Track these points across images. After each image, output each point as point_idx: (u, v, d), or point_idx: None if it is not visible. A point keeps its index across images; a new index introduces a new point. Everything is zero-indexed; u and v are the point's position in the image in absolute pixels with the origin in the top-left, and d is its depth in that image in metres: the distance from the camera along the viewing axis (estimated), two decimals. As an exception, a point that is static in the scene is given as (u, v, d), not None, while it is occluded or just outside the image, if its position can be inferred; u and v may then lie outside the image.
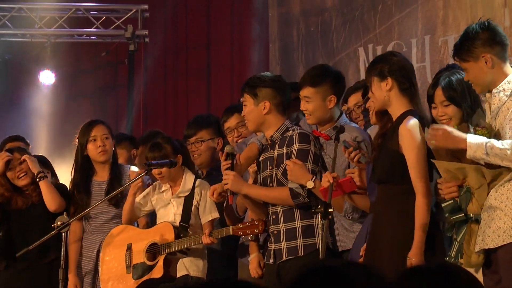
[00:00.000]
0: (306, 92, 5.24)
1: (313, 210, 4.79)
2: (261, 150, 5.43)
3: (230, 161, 5.29)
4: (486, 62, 4.39)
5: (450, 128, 4.35)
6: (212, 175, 6.16)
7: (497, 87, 4.40)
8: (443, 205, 4.43)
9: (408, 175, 4.55)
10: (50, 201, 6.23)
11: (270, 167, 5.30)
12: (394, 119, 4.69)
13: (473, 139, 4.26)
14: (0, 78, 10.67)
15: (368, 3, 9.15)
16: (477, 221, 4.35)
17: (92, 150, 6.28)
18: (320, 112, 5.24)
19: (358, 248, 4.85)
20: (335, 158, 4.89)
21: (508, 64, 4.46)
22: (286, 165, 5.15)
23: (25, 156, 6.40)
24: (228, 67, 10.72)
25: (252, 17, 10.45)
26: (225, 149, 5.42)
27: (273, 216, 5.27)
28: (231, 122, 6.16)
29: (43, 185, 6.26)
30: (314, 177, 5.06)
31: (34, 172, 6.33)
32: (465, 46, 4.45)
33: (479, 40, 4.41)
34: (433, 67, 8.28)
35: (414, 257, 4.41)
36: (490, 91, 4.43)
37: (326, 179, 4.73)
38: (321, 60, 9.26)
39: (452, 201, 4.39)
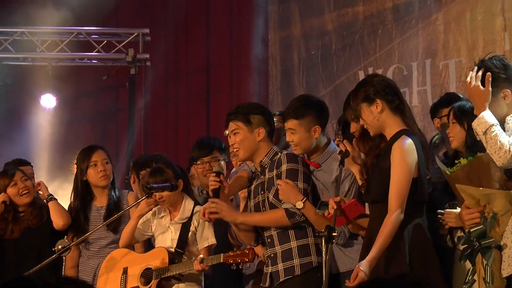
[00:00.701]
0: (290, 124, 5.25)
1: (317, 234, 4.76)
2: (251, 178, 5.44)
3: (218, 179, 5.29)
4: (504, 98, 4.43)
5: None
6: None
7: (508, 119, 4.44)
8: (471, 230, 4.40)
9: None
10: (59, 217, 6.24)
11: (262, 192, 5.29)
12: (388, 139, 4.66)
13: (487, 114, 4.30)
14: (2, 101, 10.69)
15: (368, 26, 9.18)
16: (499, 247, 4.34)
17: (93, 175, 6.29)
18: (306, 143, 5.25)
19: None
20: (339, 183, 4.89)
21: None
22: (278, 185, 5.15)
23: (41, 181, 6.46)
24: (228, 91, 10.75)
25: (252, 41, 10.48)
26: (214, 168, 5.44)
27: (269, 240, 5.27)
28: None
29: (53, 204, 6.28)
30: (305, 198, 5.07)
31: (45, 196, 6.36)
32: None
33: (501, 75, 4.46)
34: (434, 91, 8.30)
35: (362, 267, 4.37)
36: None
37: (331, 206, 4.69)
38: (321, 84, 9.30)
39: (481, 226, 4.38)
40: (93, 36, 10.71)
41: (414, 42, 8.65)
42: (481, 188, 4.33)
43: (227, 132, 5.44)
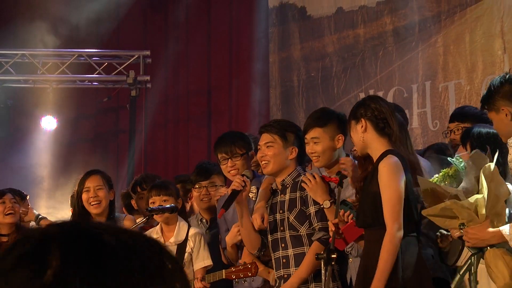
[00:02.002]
0: (314, 133, 5.20)
1: (316, 256, 4.74)
2: (271, 192, 5.41)
3: (243, 183, 5.21)
4: (506, 115, 4.48)
5: (474, 228, 4.35)
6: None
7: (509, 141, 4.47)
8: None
9: None
10: None
11: (281, 211, 5.25)
12: (374, 160, 4.66)
13: (507, 229, 4.31)
14: (3, 123, 10.71)
15: (368, 49, 9.22)
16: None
17: (85, 201, 6.23)
18: (329, 153, 5.19)
19: None
20: (338, 204, 4.87)
21: None
22: (303, 181, 5.12)
23: (30, 208, 6.47)
24: (228, 113, 10.77)
25: (252, 62, 10.51)
26: (244, 172, 5.39)
27: (284, 260, 5.23)
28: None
29: (46, 222, 6.27)
30: (333, 200, 5.04)
31: (32, 217, 6.36)
32: (488, 97, 4.55)
33: (499, 93, 4.51)
34: (434, 113, 8.32)
35: None
36: None
37: (330, 229, 4.68)
38: (321, 105, 9.32)
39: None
40: (94, 58, 10.74)
41: (414, 64, 8.68)
42: (434, 207, 4.36)
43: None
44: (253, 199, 5.54)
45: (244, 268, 5.26)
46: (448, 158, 4.49)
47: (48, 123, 10.70)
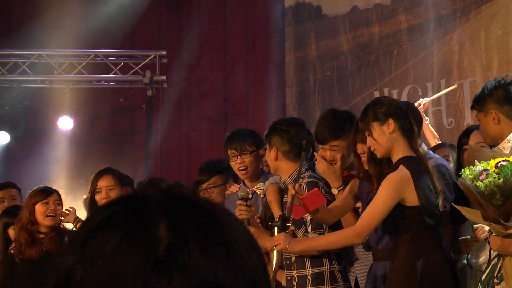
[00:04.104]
0: (333, 143, 5.13)
1: (270, 224, 4.71)
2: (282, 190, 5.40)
3: (245, 208, 5.21)
4: (493, 119, 4.49)
5: (505, 241, 4.28)
6: None
7: (498, 146, 4.46)
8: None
9: (411, 223, 4.49)
10: None
11: (284, 212, 5.26)
12: (394, 163, 4.59)
13: None
14: (19, 124, 10.75)
15: (383, 47, 9.19)
16: None
17: (98, 202, 6.22)
18: (348, 160, 5.14)
19: None
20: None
21: None
22: (317, 160, 5.08)
23: (73, 211, 6.46)
24: (244, 112, 10.76)
25: (268, 62, 10.50)
26: (239, 194, 5.37)
27: (287, 262, 5.22)
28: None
29: None
30: (342, 187, 5.02)
31: (71, 219, 6.36)
32: (479, 99, 4.56)
33: (491, 96, 4.52)
34: (449, 111, 8.28)
35: (282, 239, 4.41)
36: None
37: (289, 193, 4.59)
38: (337, 105, 9.29)
39: None
40: (110, 58, 10.76)
41: (429, 62, 8.63)
42: (472, 215, 4.27)
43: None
44: (261, 196, 5.53)
45: None
46: (501, 162, 4.34)
47: (65, 123, 10.73)
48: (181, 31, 11.13)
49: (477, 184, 4.13)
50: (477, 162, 4.22)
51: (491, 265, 4.36)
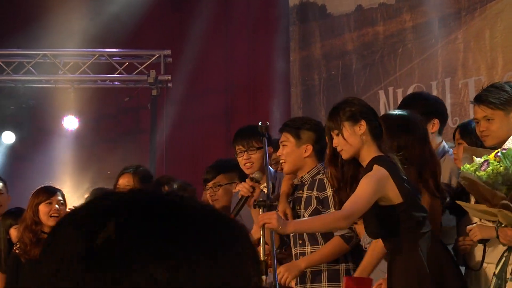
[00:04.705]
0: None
1: (255, 203, 4.71)
2: (294, 188, 5.41)
3: (250, 189, 5.19)
4: None
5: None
6: None
7: (503, 146, 4.40)
8: None
9: (398, 227, 4.48)
10: None
11: (298, 207, 5.25)
12: (365, 165, 4.56)
13: None
14: (24, 123, 10.76)
15: (388, 46, 9.17)
16: None
17: None
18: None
19: None
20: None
21: None
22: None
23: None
24: (248, 112, 10.75)
25: (273, 61, 10.49)
26: (254, 174, 5.36)
27: (301, 257, 5.23)
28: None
29: None
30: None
31: None
32: (505, 99, 4.46)
33: None
34: (454, 110, 8.26)
35: (275, 218, 4.39)
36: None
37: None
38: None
39: None
40: (115, 58, 10.77)
41: (434, 61, 8.62)
42: (479, 206, 4.26)
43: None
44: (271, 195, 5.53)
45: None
46: (499, 152, 4.34)
47: (70, 123, 10.74)
48: (185, 30, 11.12)
49: (480, 175, 4.15)
50: (475, 158, 4.23)
51: (503, 259, 4.35)
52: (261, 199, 4.65)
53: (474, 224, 4.61)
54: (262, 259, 5.07)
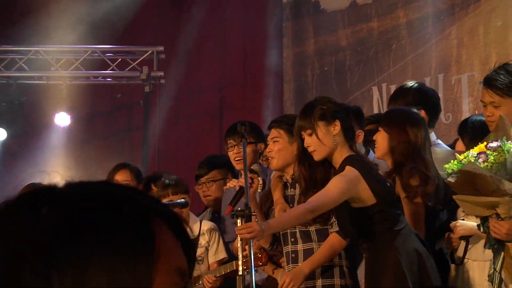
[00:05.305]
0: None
1: (233, 213, 4.68)
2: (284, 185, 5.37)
3: (250, 176, 5.17)
4: None
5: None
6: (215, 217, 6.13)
7: None
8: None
9: (373, 229, 4.45)
10: None
11: (291, 205, 5.22)
12: (337, 167, 4.53)
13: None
14: (16, 120, 10.70)
15: (382, 42, 9.14)
16: None
17: None
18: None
19: None
20: None
21: None
22: None
23: None
24: (241, 108, 10.71)
25: (266, 57, 10.45)
26: (253, 166, 5.34)
27: (293, 255, 5.18)
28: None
29: None
30: None
31: None
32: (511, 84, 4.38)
33: None
34: (447, 106, 8.23)
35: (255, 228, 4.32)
36: None
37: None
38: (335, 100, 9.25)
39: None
40: (107, 54, 10.71)
41: (428, 57, 8.59)
42: (482, 198, 4.20)
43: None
44: (259, 190, 5.50)
45: (255, 258, 5.21)
46: (498, 142, 4.28)
47: (62, 119, 10.68)
48: (178, 26, 11.07)
49: (483, 166, 4.09)
50: (460, 156, 4.19)
51: (500, 255, 4.31)
52: (239, 209, 4.59)
53: (457, 221, 4.58)
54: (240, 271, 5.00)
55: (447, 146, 5.27)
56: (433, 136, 5.17)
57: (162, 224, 1.16)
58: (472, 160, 4.15)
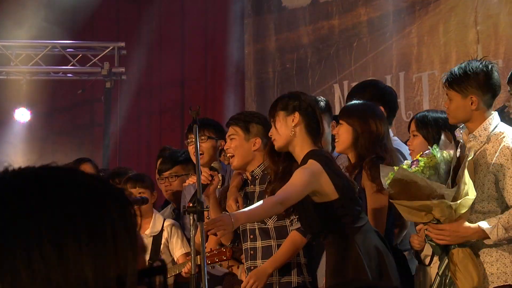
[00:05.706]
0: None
1: (185, 209, 4.69)
2: (243, 183, 5.38)
3: (210, 177, 5.18)
4: (471, 103, 4.39)
5: (453, 225, 4.28)
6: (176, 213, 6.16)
7: (474, 133, 4.40)
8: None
9: (335, 223, 4.50)
10: None
11: (251, 202, 5.23)
12: (299, 161, 4.58)
13: (486, 224, 4.25)
14: (-25, 116, 10.61)
15: (343, 40, 9.19)
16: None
17: None
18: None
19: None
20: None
21: (490, 110, 4.46)
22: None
23: None
24: (202, 105, 10.69)
25: (227, 54, 10.46)
26: (213, 164, 5.37)
27: (251, 252, 5.20)
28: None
29: None
30: None
31: None
32: (461, 80, 4.42)
33: (475, 81, 4.40)
34: (408, 104, 8.31)
35: (224, 221, 4.34)
36: (468, 133, 4.45)
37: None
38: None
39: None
40: (68, 50, 10.65)
41: (389, 55, 8.66)
42: (415, 201, 4.26)
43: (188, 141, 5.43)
44: (218, 187, 5.52)
45: (219, 252, 5.23)
46: (429, 147, 4.36)
47: (22, 115, 10.59)
48: (140, 22, 11.04)
49: (414, 171, 4.19)
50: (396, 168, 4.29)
51: (445, 260, 4.37)
52: (190, 205, 4.60)
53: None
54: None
55: (403, 143, 5.34)
56: (390, 133, 5.23)
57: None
58: (404, 167, 4.24)
